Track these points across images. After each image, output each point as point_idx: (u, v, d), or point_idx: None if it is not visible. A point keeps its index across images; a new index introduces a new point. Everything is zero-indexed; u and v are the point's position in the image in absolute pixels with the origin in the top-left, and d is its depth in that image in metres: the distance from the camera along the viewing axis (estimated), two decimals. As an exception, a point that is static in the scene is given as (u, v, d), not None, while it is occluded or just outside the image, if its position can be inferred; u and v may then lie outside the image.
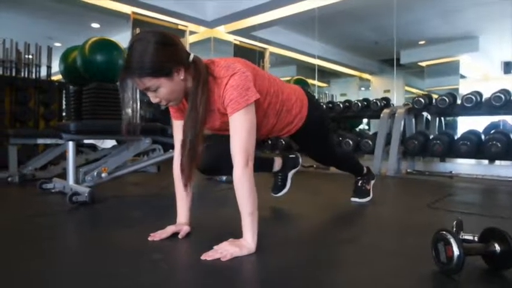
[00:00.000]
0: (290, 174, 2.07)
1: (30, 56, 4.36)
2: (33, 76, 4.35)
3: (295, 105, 1.53)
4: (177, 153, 1.40)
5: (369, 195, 2.15)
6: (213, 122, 1.32)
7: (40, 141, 3.09)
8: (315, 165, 4.23)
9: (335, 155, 1.98)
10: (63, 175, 2.78)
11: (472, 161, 3.82)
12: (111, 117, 4.49)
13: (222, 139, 1.37)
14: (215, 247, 1.18)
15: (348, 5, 5.35)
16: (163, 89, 1.17)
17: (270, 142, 4.53)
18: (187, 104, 1.30)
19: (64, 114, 4.55)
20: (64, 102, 4.55)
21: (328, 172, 3.87)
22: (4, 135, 3.45)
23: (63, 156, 3.41)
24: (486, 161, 3.82)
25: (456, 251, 0.99)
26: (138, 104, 1.28)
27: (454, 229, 1.16)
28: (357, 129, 7.03)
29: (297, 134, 1.62)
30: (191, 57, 1.21)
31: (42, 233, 1.51)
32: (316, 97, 5.96)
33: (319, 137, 1.75)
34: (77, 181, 2.22)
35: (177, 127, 1.39)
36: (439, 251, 1.04)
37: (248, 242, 1.18)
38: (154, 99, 1.20)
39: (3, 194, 2.55)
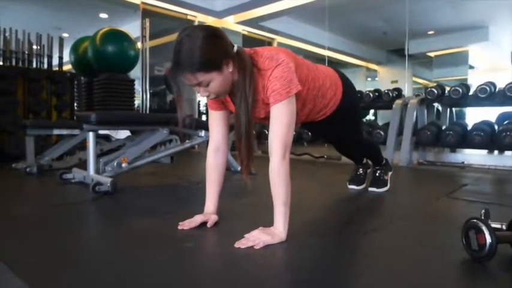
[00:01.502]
0: (368, 171, 2.25)
1: (37, 47, 4.36)
2: (45, 67, 4.37)
3: (330, 89, 1.55)
4: (212, 143, 1.43)
5: (387, 186, 2.17)
6: (258, 112, 1.33)
7: (56, 131, 3.12)
8: (325, 156, 4.25)
9: (361, 141, 2.02)
10: (79, 165, 2.82)
11: (483, 152, 3.82)
12: (122, 108, 4.52)
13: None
14: (246, 235, 1.20)
15: (358, -5, 5.33)
16: (214, 83, 1.18)
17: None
18: (227, 95, 1.32)
19: (76, 105, 4.57)
20: (76, 93, 4.56)
21: (340, 162, 3.88)
22: (20, 126, 3.49)
23: (78, 147, 3.46)
24: (497, 151, 3.83)
25: (488, 239, 1.01)
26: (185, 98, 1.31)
27: (483, 218, 1.17)
28: (364, 119, 7.02)
29: (330, 116, 1.63)
30: (235, 48, 1.22)
31: (71, 223, 1.54)
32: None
33: (351, 119, 1.78)
34: (97, 171, 2.25)
35: (214, 117, 1.41)
36: (470, 239, 1.07)
37: (280, 230, 1.21)
38: (203, 94, 1.22)
39: (25, 184, 2.59)
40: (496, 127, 3.38)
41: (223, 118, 1.42)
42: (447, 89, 3.83)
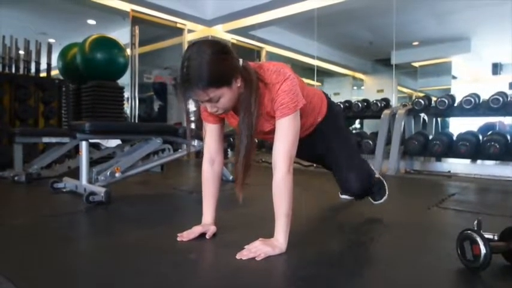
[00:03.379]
0: None
1: (24, 53, 4.30)
2: (31, 73, 4.30)
3: (317, 102, 1.62)
4: (208, 154, 1.44)
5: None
6: (262, 126, 1.34)
7: (45, 139, 3.08)
8: (315, 165, 4.28)
9: (359, 163, 1.83)
10: (69, 174, 2.79)
11: (467, 161, 3.93)
12: (111, 116, 4.48)
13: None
14: (247, 247, 1.21)
15: (346, 6, 5.42)
16: (224, 99, 1.18)
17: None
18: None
19: (63, 112, 4.50)
20: (64, 100, 4.50)
21: (328, 171, 3.92)
22: (6, 133, 3.43)
23: (67, 155, 3.41)
24: (480, 161, 3.94)
25: (483, 250, 1.05)
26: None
27: (476, 228, 1.22)
28: (351, 128, 7.12)
29: (317, 129, 1.68)
30: (241, 62, 1.23)
31: (67, 234, 1.53)
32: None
33: (338, 132, 1.77)
34: (89, 180, 2.23)
35: (210, 130, 1.42)
36: (465, 249, 1.11)
37: (280, 242, 1.23)
38: (212, 109, 1.22)
39: (14, 193, 2.55)
40: (481, 137, 3.48)
41: (218, 130, 1.44)
42: (433, 99, 3.94)
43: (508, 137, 3.25)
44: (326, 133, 1.72)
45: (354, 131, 5.35)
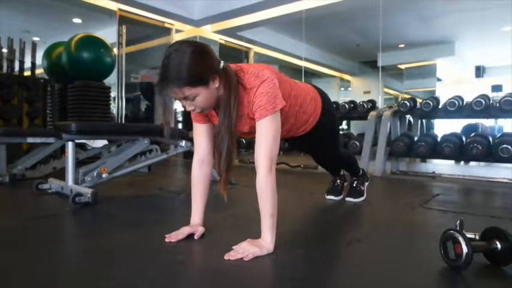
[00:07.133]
0: (345, 183, 2.32)
1: (7, 51, 4.21)
2: (15, 72, 4.22)
3: (310, 105, 1.61)
4: (197, 155, 1.45)
5: (363, 196, 2.25)
6: (242, 127, 1.37)
7: (30, 140, 3.02)
8: (302, 165, 4.32)
9: (339, 154, 2.05)
10: (54, 175, 2.75)
11: (451, 162, 4.01)
12: (98, 116, 4.43)
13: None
14: (235, 247, 1.23)
15: (334, 8, 5.47)
16: (200, 98, 1.20)
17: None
18: (212, 110, 1.35)
19: (48, 112, 4.43)
20: (49, 100, 4.43)
21: (316, 172, 3.96)
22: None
23: (52, 156, 3.37)
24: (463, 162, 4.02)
25: (465, 249, 1.08)
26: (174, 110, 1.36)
27: (458, 228, 1.25)
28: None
29: (310, 132, 1.69)
30: (221, 64, 1.25)
31: (54, 236, 1.51)
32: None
33: (329, 134, 1.84)
34: (75, 181, 2.21)
35: (199, 130, 1.44)
36: (448, 249, 1.14)
37: (267, 242, 1.24)
38: (189, 107, 1.24)
39: (-3, 194, 2.50)
40: (464, 139, 3.56)
41: (208, 130, 1.45)
42: (419, 101, 4.00)
43: (490, 139, 3.33)
44: (318, 136, 1.77)
45: (340, 132, 5.40)
